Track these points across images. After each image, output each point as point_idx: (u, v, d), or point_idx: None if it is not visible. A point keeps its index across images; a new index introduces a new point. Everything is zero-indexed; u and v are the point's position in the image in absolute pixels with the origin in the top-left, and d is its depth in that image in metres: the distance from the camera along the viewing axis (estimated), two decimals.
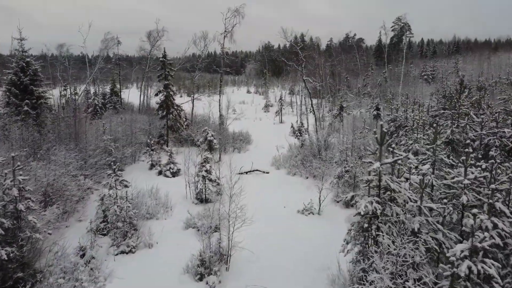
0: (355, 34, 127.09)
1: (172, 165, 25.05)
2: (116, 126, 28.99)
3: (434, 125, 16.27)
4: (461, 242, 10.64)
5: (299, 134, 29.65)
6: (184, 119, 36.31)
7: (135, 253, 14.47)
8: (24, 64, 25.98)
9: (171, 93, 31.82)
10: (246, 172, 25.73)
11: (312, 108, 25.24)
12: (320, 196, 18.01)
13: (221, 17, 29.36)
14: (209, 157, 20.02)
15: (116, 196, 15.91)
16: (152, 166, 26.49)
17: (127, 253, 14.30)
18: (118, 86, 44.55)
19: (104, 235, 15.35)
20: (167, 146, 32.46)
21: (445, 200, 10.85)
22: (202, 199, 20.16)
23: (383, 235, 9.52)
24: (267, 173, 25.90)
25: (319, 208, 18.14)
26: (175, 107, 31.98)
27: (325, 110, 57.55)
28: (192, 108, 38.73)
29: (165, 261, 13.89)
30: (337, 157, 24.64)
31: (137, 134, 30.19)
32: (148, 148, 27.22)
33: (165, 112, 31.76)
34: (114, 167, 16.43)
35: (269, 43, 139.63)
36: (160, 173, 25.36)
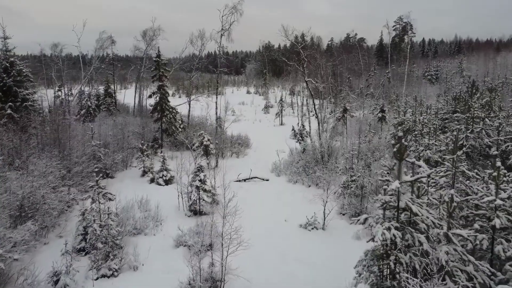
0: (356, 34, 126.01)
1: (165, 172, 23.44)
2: (107, 129, 27.39)
3: (454, 133, 14.65)
4: (494, 274, 9.06)
5: (300, 138, 28.04)
6: (180, 122, 34.71)
7: (117, 276, 12.86)
8: (7, 64, 24.41)
9: (165, 94, 30.20)
10: (245, 180, 24.14)
11: (314, 111, 23.59)
12: (324, 209, 16.39)
13: (218, 14, 27.74)
14: (203, 166, 18.42)
15: (99, 211, 14.30)
16: (144, 173, 24.88)
17: (108, 277, 12.70)
18: (112, 87, 42.90)
19: (84, 255, 13.76)
20: (161, 151, 30.84)
21: (476, 225, 9.26)
22: (196, 211, 18.55)
23: (406, 275, 7.89)
24: (267, 180, 24.29)
25: (324, 223, 16.53)
26: (170, 109, 30.36)
27: (326, 112, 55.88)
28: (189, 110, 37.09)
29: (151, 287, 12.30)
30: (341, 165, 23.05)
31: (130, 138, 28.58)
32: (140, 153, 25.60)
33: (159, 115, 30.15)
34: (97, 178, 14.83)
35: (269, 42, 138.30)
36: (152, 180, 23.75)
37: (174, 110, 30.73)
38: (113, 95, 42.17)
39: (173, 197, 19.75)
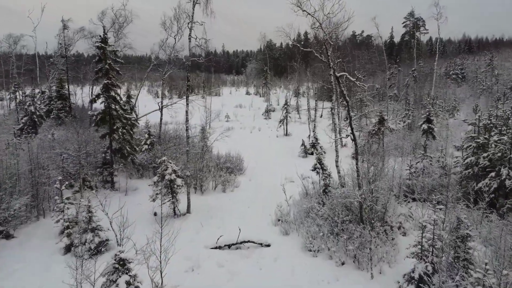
0: (362, 31, 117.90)
1: (90, 236, 13.52)
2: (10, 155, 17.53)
3: None
4: None
5: (319, 166, 18.20)
6: (147, 136, 24.84)
7: None
8: None
9: (117, 98, 20.31)
10: (229, 246, 14.19)
11: (351, 130, 13.43)
12: None
13: None
14: (129, 258, 8.48)
15: None
16: (64, 229, 14.94)
17: None
18: (67, 86, 32.99)
19: None
20: (112, 180, 21.01)
21: None
22: None
23: None
24: (267, 246, 14.30)
25: None
26: (124, 120, 20.43)
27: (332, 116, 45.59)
28: (160, 119, 27.21)
29: None
30: (394, 219, 13.13)
31: (52, 167, 18.74)
32: (59, 196, 15.63)
33: (108, 129, 20.26)
34: None
35: (271, 41, 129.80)
36: (69, 249, 13.84)
37: (130, 121, 20.77)
38: (68, 97, 32.26)
39: None
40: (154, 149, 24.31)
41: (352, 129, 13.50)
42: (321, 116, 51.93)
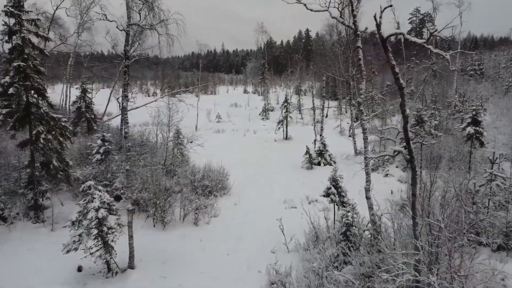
0: (366, 28, 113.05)
1: None
2: None
3: None
4: None
5: (335, 192, 11.97)
6: (100, 142, 18.54)
7: None
8: None
9: (41, 90, 14.08)
10: None
11: (408, 144, 7.42)
12: None
13: None
14: None
15: None
16: None
17: None
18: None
19: None
20: (36, 207, 14.72)
21: None
22: None
23: None
24: None
25: None
26: (52, 122, 14.15)
27: (338, 117, 39.73)
28: (121, 122, 20.94)
29: None
30: None
31: None
32: None
33: (29, 133, 14.01)
34: None
35: (271, 39, 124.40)
36: None
37: (58, 124, 14.44)
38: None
39: None
40: (108, 160, 18.03)
41: (408, 140, 7.15)
42: (326, 116, 45.67)
